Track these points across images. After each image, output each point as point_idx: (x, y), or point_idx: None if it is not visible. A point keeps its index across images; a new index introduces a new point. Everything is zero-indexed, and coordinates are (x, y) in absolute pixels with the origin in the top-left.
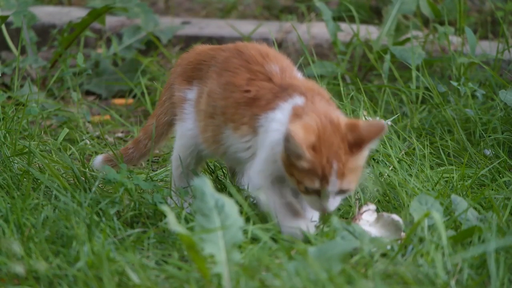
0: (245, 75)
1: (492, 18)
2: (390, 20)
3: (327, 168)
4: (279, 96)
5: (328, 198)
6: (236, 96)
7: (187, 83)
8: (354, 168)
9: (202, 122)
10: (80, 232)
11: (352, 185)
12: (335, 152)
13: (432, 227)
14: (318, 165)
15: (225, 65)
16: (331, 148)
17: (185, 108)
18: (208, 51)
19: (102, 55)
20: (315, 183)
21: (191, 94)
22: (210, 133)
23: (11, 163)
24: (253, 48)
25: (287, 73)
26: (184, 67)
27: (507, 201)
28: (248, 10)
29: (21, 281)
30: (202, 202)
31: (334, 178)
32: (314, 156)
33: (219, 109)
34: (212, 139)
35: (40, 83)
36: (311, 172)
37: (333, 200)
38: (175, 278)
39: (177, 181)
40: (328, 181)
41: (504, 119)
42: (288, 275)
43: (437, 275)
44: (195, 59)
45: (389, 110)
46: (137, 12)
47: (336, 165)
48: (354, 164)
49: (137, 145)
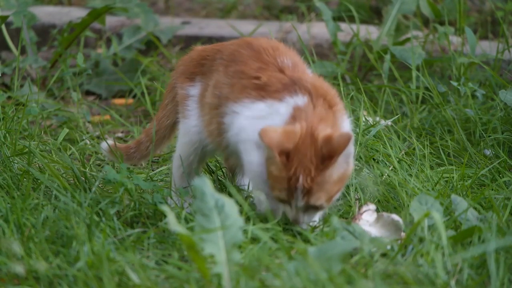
0: (255, 64)
1: (492, 18)
2: (390, 20)
3: (293, 181)
4: (288, 88)
5: (297, 212)
6: (245, 82)
7: (189, 80)
8: (325, 183)
9: (206, 116)
10: (80, 232)
11: (322, 202)
12: (305, 166)
13: (432, 227)
14: (286, 175)
15: (233, 56)
16: (303, 160)
17: (188, 105)
18: (212, 47)
19: (102, 55)
20: (282, 193)
21: (194, 90)
22: (214, 125)
23: (11, 163)
24: (264, 41)
25: (299, 68)
26: (186, 65)
27: (507, 201)
28: (248, 10)
29: (21, 281)
30: (202, 202)
31: (299, 192)
32: (285, 164)
33: (224, 96)
34: (216, 131)
35: (40, 83)
36: (279, 181)
37: (302, 215)
38: (175, 278)
39: (178, 180)
40: (293, 195)
41: (504, 119)
42: (288, 275)
43: (437, 275)
44: (197, 56)
45: (389, 110)
46: (137, 12)
47: (302, 179)
48: (324, 179)
49: (139, 146)
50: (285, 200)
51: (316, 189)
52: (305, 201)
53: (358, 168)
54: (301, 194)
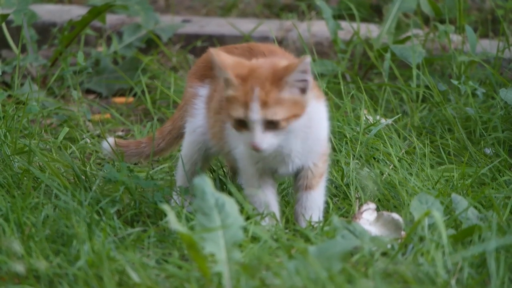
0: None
1: (492, 17)
2: (391, 18)
3: (249, 94)
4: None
5: (255, 131)
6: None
7: (199, 80)
8: (280, 99)
9: (211, 119)
10: (81, 231)
11: (279, 118)
12: (261, 82)
13: (432, 226)
14: (242, 91)
15: None
16: (258, 79)
17: (196, 104)
18: (221, 49)
19: (103, 53)
20: (239, 110)
21: (203, 91)
22: (217, 128)
23: (12, 162)
24: (263, 46)
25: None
26: (197, 66)
27: (508, 200)
28: (249, 8)
29: (22, 280)
30: (202, 201)
31: (256, 104)
32: (240, 83)
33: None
34: (219, 135)
35: (40, 82)
36: (236, 100)
37: (261, 135)
38: (175, 277)
39: (180, 179)
40: (249, 107)
41: (504, 117)
42: (288, 274)
43: (438, 274)
44: (208, 58)
45: (390, 109)
46: (138, 10)
47: (258, 92)
48: (279, 96)
49: (151, 143)
50: (242, 120)
51: (272, 102)
52: (262, 115)
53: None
54: (257, 106)
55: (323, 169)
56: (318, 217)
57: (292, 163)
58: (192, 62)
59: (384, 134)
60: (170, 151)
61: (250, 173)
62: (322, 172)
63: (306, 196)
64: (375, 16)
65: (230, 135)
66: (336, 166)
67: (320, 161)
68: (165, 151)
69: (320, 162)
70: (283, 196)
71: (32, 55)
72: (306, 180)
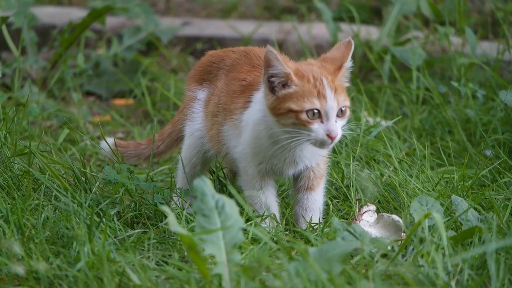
0: (246, 68)
1: (492, 19)
2: (391, 20)
3: (319, 84)
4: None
5: (331, 119)
6: (233, 88)
7: (198, 84)
8: (341, 87)
9: (209, 122)
10: (81, 232)
11: (347, 104)
12: (319, 72)
13: (432, 227)
14: (307, 83)
15: (232, 66)
16: (312, 71)
17: (194, 107)
18: (219, 53)
19: (103, 55)
20: (314, 102)
21: (201, 94)
22: (214, 131)
23: (12, 163)
24: (259, 50)
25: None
26: (196, 69)
27: (508, 202)
28: (249, 10)
29: (22, 281)
30: (202, 203)
31: (330, 91)
32: (299, 78)
33: (222, 106)
34: (216, 137)
35: (40, 84)
36: (305, 94)
37: (335, 124)
38: (175, 279)
39: (180, 181)
40: (325, 96)
41: (504, 119)
42: (289, 276)
43: (438, 276)
44: (206, 61)
45: (390, 111)
46: (138, 13)
47: (326, 80)
48: (339, 83)
49: (150, 145)
50: (317, 112)
51: (339, 90)
52: (336, 101)
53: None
54: (331, 93)
55: (324, 169)
56: (318, 218)
57: (302, 163)
58: (192, 64)
59: (384, 136)
60: (170, 153)
61: (251, 174)
62: (323, 173)
63: (307, 197)
64: (375, 19)
65: (229, 136)
66: (337, 167)
67: (322, 162)
68: (164, 154)
69: (322, 162)
70: (283, 197)
71: (32, 57)
72: (307, 181)
